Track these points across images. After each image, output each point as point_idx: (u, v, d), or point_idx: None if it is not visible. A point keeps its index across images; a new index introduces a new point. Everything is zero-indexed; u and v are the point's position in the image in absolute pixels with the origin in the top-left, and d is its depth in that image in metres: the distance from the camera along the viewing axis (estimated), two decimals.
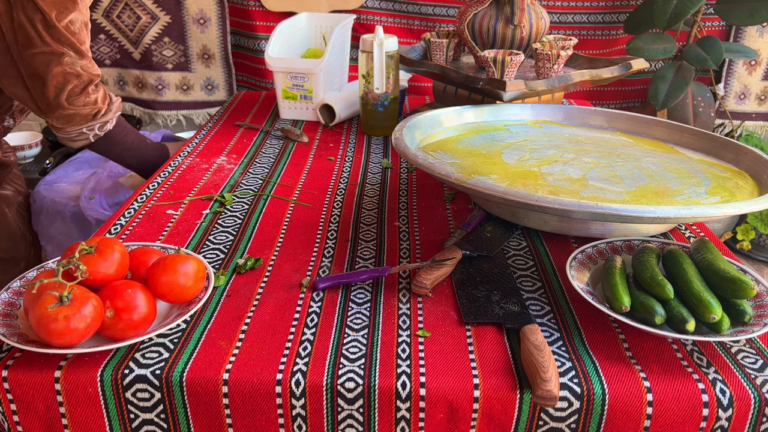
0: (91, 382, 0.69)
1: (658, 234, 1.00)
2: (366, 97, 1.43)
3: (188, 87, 2.29)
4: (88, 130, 1.20)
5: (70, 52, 1.11)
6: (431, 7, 2.16)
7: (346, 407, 0.69)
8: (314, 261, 0.92)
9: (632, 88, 2.33)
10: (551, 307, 0.82)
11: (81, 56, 1.13)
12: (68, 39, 1.10)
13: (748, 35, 2.23)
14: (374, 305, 0.82)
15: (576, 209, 0.80)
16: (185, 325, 0.77)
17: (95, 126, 1.20)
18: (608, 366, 0.71)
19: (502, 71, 1.25)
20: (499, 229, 1.00)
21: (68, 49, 1.11)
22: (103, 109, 1.20)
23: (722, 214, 0.82)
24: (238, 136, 1.47)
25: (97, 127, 1.21)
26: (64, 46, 1.10)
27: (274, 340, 0.75)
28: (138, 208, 1.08)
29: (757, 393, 0.68)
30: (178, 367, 0.70)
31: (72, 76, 1.12)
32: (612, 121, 1.28)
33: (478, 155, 1.08)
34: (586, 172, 1.01)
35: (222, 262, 0.92)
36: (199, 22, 2.19)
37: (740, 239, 2.35)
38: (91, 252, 0.73)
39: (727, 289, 0.75)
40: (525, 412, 0.68)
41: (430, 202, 1.13)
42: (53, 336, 0.66)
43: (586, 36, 2.22)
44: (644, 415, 0.68)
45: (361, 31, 2.11)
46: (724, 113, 2.34)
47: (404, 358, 0.72)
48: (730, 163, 1.09)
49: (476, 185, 0.87)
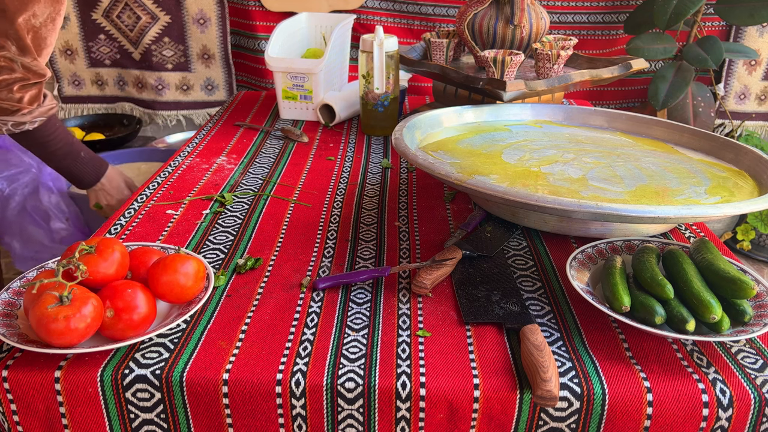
0: (91, 382, 0.69)
1: (658, 234, 1.00)
2: (366, 97, 1.43)
3: (188, 87, 2.29)
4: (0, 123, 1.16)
5: (12, 47, 1.08)
6: (431, 7, 2.16)
7: (346, 407, 0.69)
8: (314, 261, 0.92)
9: (632, 88, 2.33)
10: (551, 307, 0.82)
11: (24, 53, 1.09)
12: (16, 33, 1.07)
13: (748, 35, 2.23)
14: (374, 305, 0.82)
15: (576, 209, 0.80)
16: (185, 325, 0.77)
17: (9, 122, 1.16)
18: (608, 366, 0.71)
19: (502, 71, 1.25)
20: (499, 229, 1.00)
21: (11, 44, 1.08)
22: (25, 109, 1.15)
23: (722, 214, 0.82)
24: (238, 136, 1.47)
25: (10, 123, 1.17)
26: (9, 39, 1.07)
27: (274, 340, 0.75)
28: (138, 208, 1.08)
29: (757, 393, 0.68)
30: (178, 367, 0.70)
31: (3, 69, 1.09)
32: (612, 121, 1.28)
33: (478, 155, 1.08)
34: (586, 172, 1.01)
35: (222, 262, 0.92)
36: (199, 22, 2.19)
37: (740, 239, 2.35)
38: (91, 252, 0.73)
39: (727, 289, 0.75)
40: (525, 412, 0.68)
41: (430, 202, 1.13)
42: (53, 336, 0.66)
43: (586, 36, 2.22)
44: (644, 415, 0.68)
45: (361, 31, 2.11)
46: (724, 113, 2.34)
47: (404, 358, 0.72)
48: (730, 163, 1.09)
49: (476, 185, 0.87)
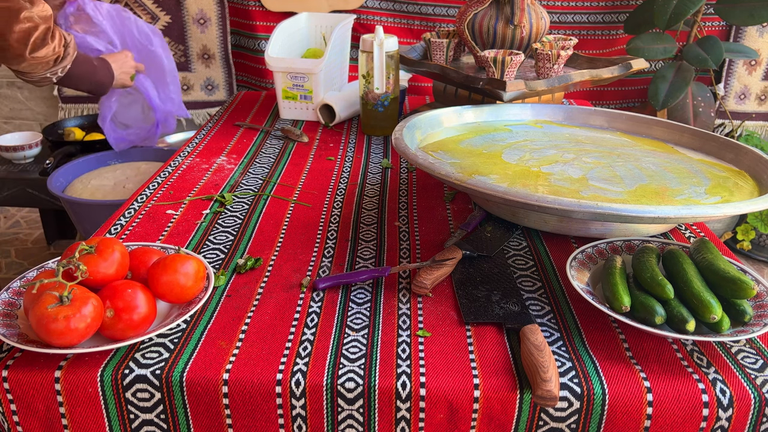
0: (91, 382, 0.69)
1: (658, 234, 1.00)
2: (366, 97, 1.43)
3: (188, 87, 2.29)
4: (51, 74, 1.28)
5: (25, 3, 1.13)
6: (431, 7, 2.16)
7: (346, 407, 0.69)
8: (314, 261, 0.92)
9: (632, 88, 2.33)
10: (551, 307, 0.82)
11: (33, 3, 1.15)
12: None
13: (748, 35, 2.23)
14: (374, 305, 0.82)
15: (576, 209, 0.80)
16: (185, 325, 0.77)
17: (57, 70, 1.28)
18: (608, 366, 0.71)
19: (502, 71, 1.25)
20: (499, 229, 1.00)
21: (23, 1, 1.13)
22: (61, 53, 1.26)
23: (722, 214, 0.82)
24: (238, 136, 1.47)
25: (59, 70, 1.28)
26: None
27: (274, 340, 0.75)
28: (138, 208, 1.08)
29: (757, 393, 0.68)
30: (178, 367, 0.70)
31: (32, 29, 1.15)
32: (612, 121, 1.28)
33: (479, 155, 1.08)
34: (586, 172, 1.01)
35: (222, 262, 0.92)
36: (199, 22, 2.19)
37: (740, 239, 2.35)
38: (91, 252, 0.73)
39: (727, 289, 0.75)
40: (525, 412, 0.68)
41: (430, 202, 1.13)
42: (53, 336, 0.66)
43: (586, 36, 2.23)
44: (644, 415, 0.68)
45: (361, 31, 2.11)
46: (724, 113, 2.34)
47: (404, 358, 0.72)
48: (731, 163, 1.09)
49: (477, 185, 0.87)
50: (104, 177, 1.62)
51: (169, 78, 1.66)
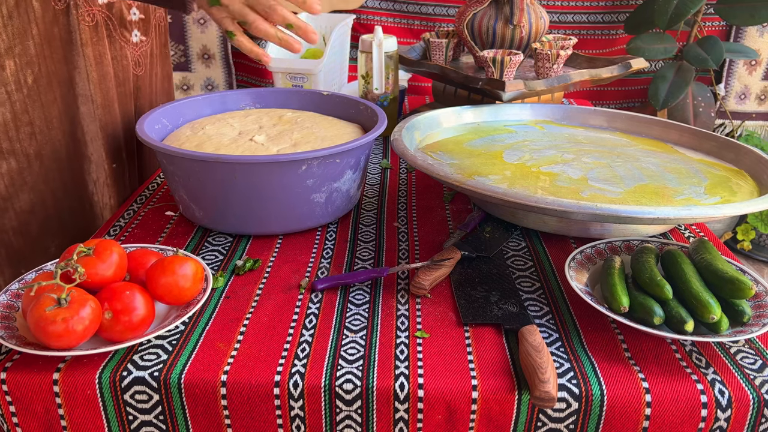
0: (89, 384, 0.69)
1: (658, 234, 1.00)
2: (365, 97, 1.43)
3: (188, 87, 2.29)
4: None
5: None
6: (431, 7, 2.16)
7: (344, 408, 0.69)
8: (313, 262, 0.92)
9: (632, 88, 2.33)
10: (550, 307, 0.82)
11: None
12: None
13: (748, 35, 2.23)
14: (373, 306, 0.82)
15: (575, 210, 0.80)
16: (184, 326, 0.77)
17: None
18: (607, 367, 0.71)
19: (501, 71, 1.25)
20: (498, 229, 1.00)
21: None
22: None
23: (722, 214, 0.82)
24: None
25: None
26: None
27: (273, 341, 0.75)
28: (137, 209, 1.08)
29: (756, 394, 0.68)
30: (177, 369, 0.70)
31: None
32: (612, 121, 1.27)
33: (478, 156, 1.07)
34: (586, 172, 1.01)
35: (221, 263, 0.92)
36: (199, 22, 2.19)
37: (740, 239, 2.35)
38: (89, 254, 0.73)
39: (725, 290, 0.75)
40: (523, 413, 0.68)
41: (430, 202, 1.12)
42: (51, 338, 0.66)
43: (586, 36, 2.22)
44: (643, 416, 0.68)
45: (361, 31, 2.11)
46: (725, 113, 2.34)
47: (402, 359, 0.72)
48: (731, 163, 1.09)
49: (476, 186, 0.87)
50: (227, 124, 1.13)
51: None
